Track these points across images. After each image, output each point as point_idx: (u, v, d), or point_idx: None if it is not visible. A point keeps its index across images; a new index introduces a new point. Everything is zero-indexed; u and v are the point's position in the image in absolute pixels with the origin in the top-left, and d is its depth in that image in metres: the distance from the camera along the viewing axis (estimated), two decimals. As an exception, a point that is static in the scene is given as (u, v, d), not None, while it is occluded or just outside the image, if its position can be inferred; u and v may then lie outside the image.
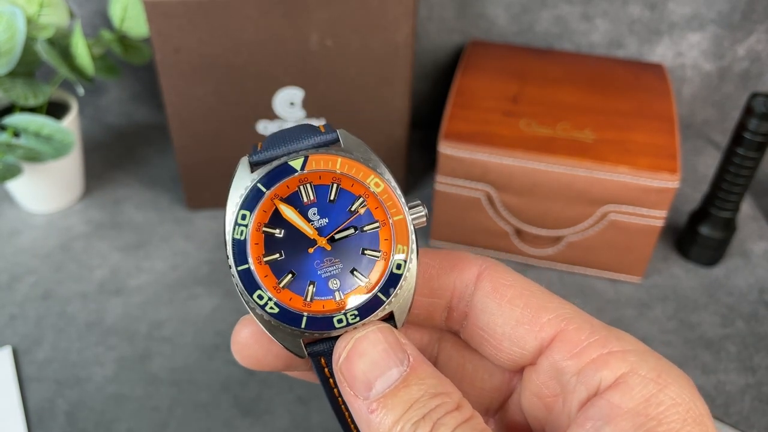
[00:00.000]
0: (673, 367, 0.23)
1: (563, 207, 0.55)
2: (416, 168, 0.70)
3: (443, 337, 0.29)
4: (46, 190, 0.62)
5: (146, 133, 0.74)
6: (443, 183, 0.57)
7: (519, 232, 0.59)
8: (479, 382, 0.28)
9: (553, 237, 0.58)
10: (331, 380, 0.25)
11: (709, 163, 0.72)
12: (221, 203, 0.24)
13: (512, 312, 0.25)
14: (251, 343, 0.26)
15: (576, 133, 0.55)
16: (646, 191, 0.53)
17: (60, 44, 0.57)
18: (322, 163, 0.24)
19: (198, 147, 0.59)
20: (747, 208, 0.66)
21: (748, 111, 0.52)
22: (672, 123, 0.57)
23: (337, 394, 0.25)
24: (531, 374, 0.25)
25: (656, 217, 0.54)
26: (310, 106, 0.58)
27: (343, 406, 0.26)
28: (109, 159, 0.70)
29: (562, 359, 0.24)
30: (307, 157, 0.24)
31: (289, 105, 0.57)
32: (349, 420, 0.26)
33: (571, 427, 0.23)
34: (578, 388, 0.23)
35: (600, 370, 0.23)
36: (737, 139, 0.54)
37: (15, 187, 0.61)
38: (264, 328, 0.24)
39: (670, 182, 0.52)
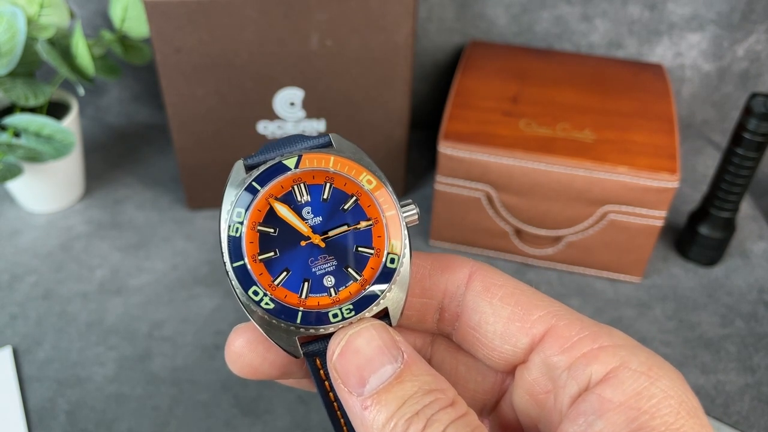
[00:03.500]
0: (663, 361, 0.23)
1: (563, 207, 0.55)
2: (416, 168, 0.70)
3: (436, 340, 0.29)
4: (47, 190, 0.62)
5: (146, 133, 0.74)
6: (443, 183, 0.57)
7: (519, 232, 0.59)
8: (472, 384, 0.28)
9: (553, 237, 0.58)
10: (326, 383, 0.25)
11: (709, 163, 0.72)
12: (221, 203, 0.25)
13: (503, 310, 0.25)
14: (246, 351, 0.26)
15: (576, 133, 0.56)
16: (645, 191, 0.53)
17: (60, 44, 0.57)
18: (315, 161, 0.24)
19: (198, 147, 0.59)
20: (747, 208, 0.66)
21: (748, 111, 0.52)
22: (671, 123, 0.57)
23: (333, 399, 0.25)
24: (523, 372, 0.25)
25: (656, 217, 0.54)
26: (310, 106, 0.58)
27: (339, 412, 0.25)
28: (110, 159, 0.70)
29: (552, 354, 0.24)
30: (301, 156, 0.24)
31: (289, 105, 0.57)
32: (344, 427, 0.26)
33: (563, 423, 0.23)
34: (569, 383, 0.23)
35: (590, 364, 0.23)
36: (737, 139, 0.54)
37: (15, 187, 0.61)
38: (259, 328, 0.24)
39: (669, 182, 0.52)
